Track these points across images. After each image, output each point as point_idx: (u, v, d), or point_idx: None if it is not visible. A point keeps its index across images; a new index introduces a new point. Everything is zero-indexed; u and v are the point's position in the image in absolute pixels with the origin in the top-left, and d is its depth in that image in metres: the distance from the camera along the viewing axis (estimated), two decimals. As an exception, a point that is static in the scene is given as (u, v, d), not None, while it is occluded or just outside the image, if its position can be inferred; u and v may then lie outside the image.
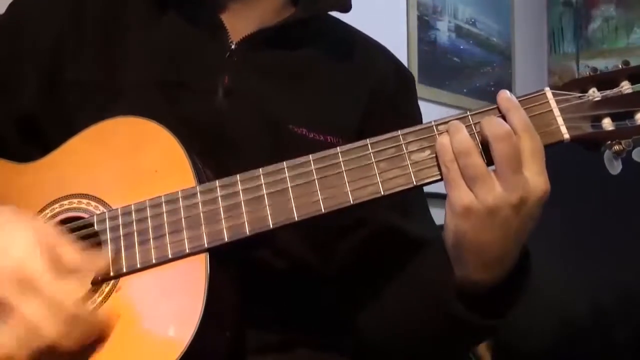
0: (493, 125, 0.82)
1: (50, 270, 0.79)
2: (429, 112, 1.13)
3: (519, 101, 0.84)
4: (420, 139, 0.84)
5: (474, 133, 0.83)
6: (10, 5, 1.09)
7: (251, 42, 1.02)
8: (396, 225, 1.01)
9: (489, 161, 0.82)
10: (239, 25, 1.03)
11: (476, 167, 0.80)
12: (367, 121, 1.03)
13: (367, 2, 2.56)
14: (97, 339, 0.82)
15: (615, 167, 0.81)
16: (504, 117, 0.83)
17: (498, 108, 0.84)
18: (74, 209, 0.90)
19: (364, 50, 1.13)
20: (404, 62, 2.73)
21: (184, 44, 1.02)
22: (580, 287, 1.50)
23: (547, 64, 4.02)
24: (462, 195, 0.81)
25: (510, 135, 0.80)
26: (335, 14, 1.12)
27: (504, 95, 0.84)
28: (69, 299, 0.79)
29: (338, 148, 0.85)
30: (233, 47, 1.01)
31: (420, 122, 1.10)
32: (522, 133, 0.81)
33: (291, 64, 1.05)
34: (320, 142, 0.99)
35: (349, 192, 0.83)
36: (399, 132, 0.85)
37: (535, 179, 0.81)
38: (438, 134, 0.84)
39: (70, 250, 0.82)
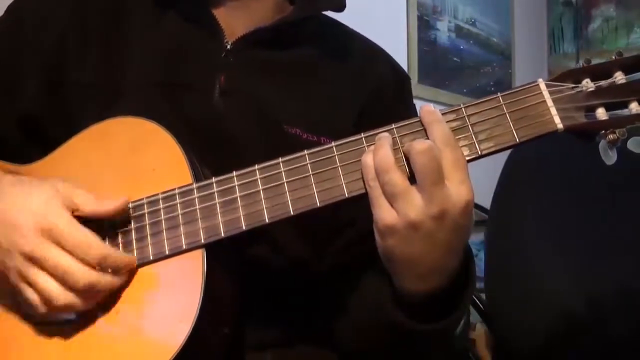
0: (413, 140, 0.82)
1: (70, 217, 0.84)
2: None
3: (513, 93, 0.85)
4: (414, 131, 0.84)
5: (399, 147, 0.83)
6: (10, 6, 1.10)
7: (247, 42, 1.02)
8: None
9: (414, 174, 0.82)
10: (234, 24, 1.03)
11: (395, 185, 0.80)
12: (362, 122, 1.03)
13: (367, 2, 2.57)
14: (96, 336, 0.83)
15: (610, 157, 0.81)
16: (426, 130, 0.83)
17: (421, 121, 0.84)
18: None
19: (361, 51, 1.14)
20: (404, 62, 2.74)
21: (182, 44, 1.02)
22: (583, 285, 1.50)
23: (547, 64, 4.02)
24: (384, 215, 0.81)
25: (430, 149, 0.80)
26: (334, 14, 1.12)
27: (426, 108, 0.84)
28: (93, 241, 0.82)
29: (333, 142, 0.85)
30: (229, 46, 1.02)
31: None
32: (442, 146, 0.81)
33: (287, 64, 1.05)
34: (314, 143, 0.98)
35: (344, 186, 0.84)
36: (393, 125, 0.85)
37: (457, 189, 0.80)
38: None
39: (86, 198, 0.86)
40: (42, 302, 0.82)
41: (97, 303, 0.84)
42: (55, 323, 0.85)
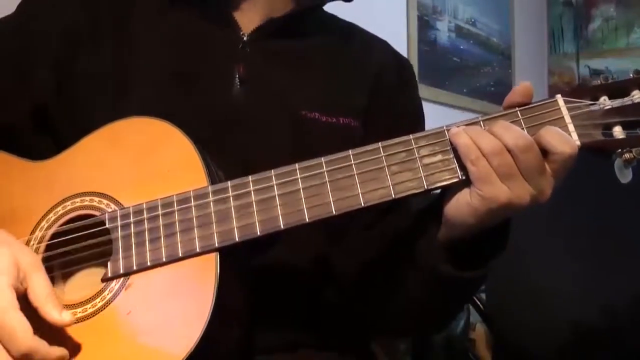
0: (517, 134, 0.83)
1: (12, 300, 0.77)
2: (429, 112, 1.15)
3: (531, 108, 0.85)
4: (432, 143, 0.85)
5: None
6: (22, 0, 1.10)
7: (262, 33, 1.05)
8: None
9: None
10: (247, 16, 1.06)
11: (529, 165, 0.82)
12: (370, 104, 1.08)
13: (367, 3, 2.57)
14: (105, 337, 0.83)
15: (625, 176, 0.82)
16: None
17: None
18: (86, 207, 0.90)
19: (362, 39, 1.18)
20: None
21: (195, 35, 1.04)
22: (588, 289, 1.50)
23: (547, 64, 4.03)
24: (497, 192, 0.82)
25: (531, 146, 0.82)
26: (336, 11, 1.16)
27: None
28: (24, 332, 0.76)
29: (350, 151, 0.86)
30: (245, 38, 1.04)
31: (421, 107, 1.15)
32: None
33: (300, 52, 1.08)
34: (333, 124, 1.02)
35: (360, 195, 0.84)
36: (411, 136, 0.86)
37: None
38: (449, 139, 0.85)
39: (42, 287, 0.80)
40: None
41: (108, 302, 0.84)
42: None
